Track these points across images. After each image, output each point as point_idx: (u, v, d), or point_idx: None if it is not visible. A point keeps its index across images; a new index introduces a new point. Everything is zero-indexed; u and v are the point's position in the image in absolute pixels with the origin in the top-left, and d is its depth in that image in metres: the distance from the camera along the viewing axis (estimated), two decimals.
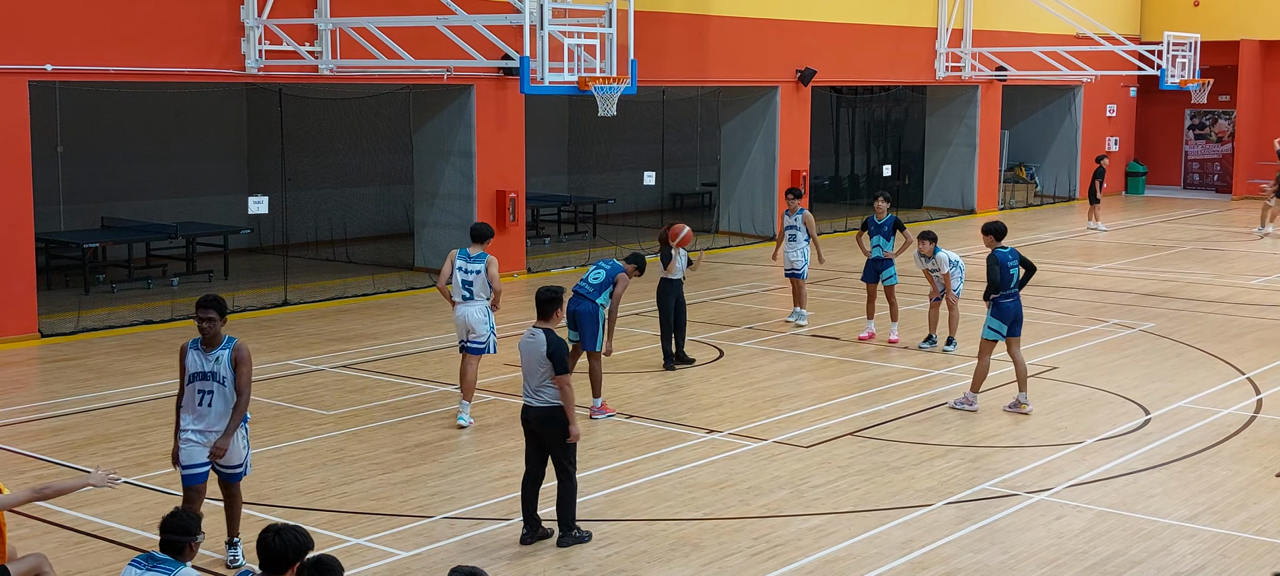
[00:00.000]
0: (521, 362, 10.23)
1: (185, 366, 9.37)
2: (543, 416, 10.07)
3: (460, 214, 22.95)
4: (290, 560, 6.37)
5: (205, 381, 9.33)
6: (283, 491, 11.49)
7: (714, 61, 26.93)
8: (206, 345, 9.33)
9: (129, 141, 24.33)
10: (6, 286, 17.65)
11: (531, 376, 10.08)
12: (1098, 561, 9.91)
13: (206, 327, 9.27)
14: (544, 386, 10.02)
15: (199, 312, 9.28)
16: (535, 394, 10.07)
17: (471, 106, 22.67)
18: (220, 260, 23.34)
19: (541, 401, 10.05)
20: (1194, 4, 38.70)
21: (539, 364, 10.02)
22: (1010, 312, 13.98)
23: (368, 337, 18.12)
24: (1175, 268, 24.93)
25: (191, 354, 9.36)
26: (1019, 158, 38.89)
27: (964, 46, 32.74)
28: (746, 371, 16.26)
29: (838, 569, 9.76)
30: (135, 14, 18.66)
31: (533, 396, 10.09)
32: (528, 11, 17.06)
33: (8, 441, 12.86)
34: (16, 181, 17.70)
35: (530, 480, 10.21)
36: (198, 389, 9.34)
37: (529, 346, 10.12)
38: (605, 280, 14.09)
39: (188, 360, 9.36)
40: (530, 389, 10.11)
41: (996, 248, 14.10)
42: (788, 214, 18.88)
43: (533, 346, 10.09)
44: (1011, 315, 13.98)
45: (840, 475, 12.00)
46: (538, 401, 10.07)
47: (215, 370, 9.30)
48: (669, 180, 31.03)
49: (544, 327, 10.16)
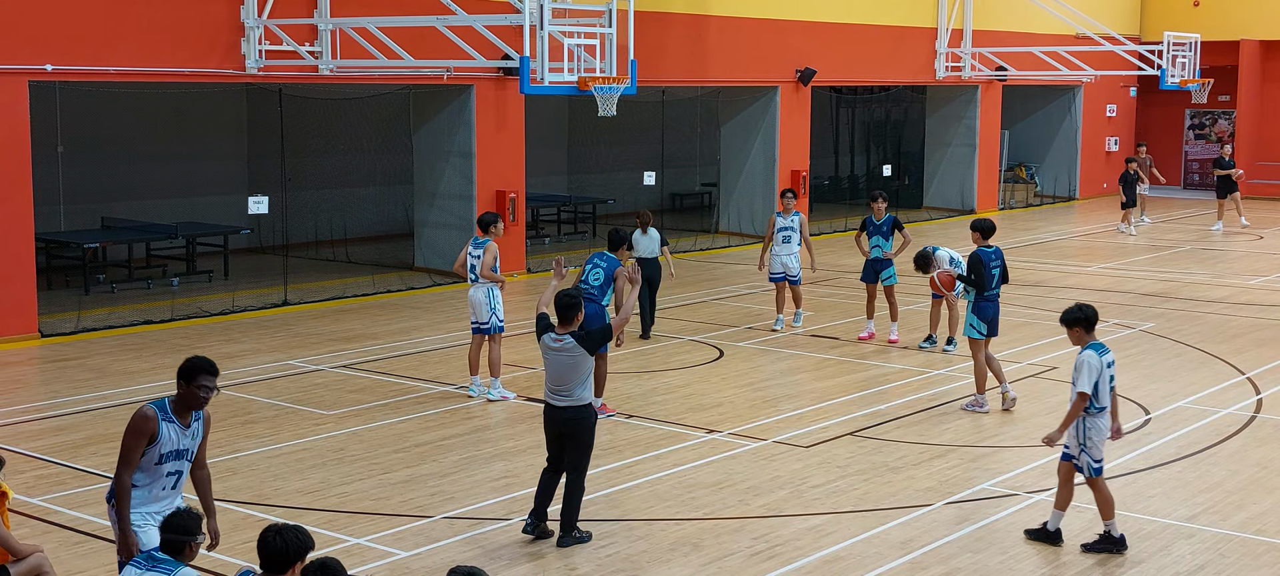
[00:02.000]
0: (547, 368, 10.16)
1: (158, 441, 7.59)
2: (570, 416, 10.09)
3: (460, 214, 22.96)
4: (291, 559, 6.38)
5: (179, 460, 7.74)
6: (283, 491, 11.50)
7: (714, 61, 26.93)
8: (186, 415, 7.71)
9: (129, 141, 24.33)
10: (6, 286, 17.66)
11: (562, 383, 10.08)
12: (1097, 561, 9.92)
13: (206, 398, 7.70)
14: (576, 387, 10.05)
15: (202, 379, 7.63)
16: (565, 396, 10.09)
17: (471, 106, 22.67)
18: (220, 260, 23.35)
19: (570, 402, 10.08)
20: (1194, 4, 38.70)
21: (573, 370, 10.02)
22: (989, 312, 14.22)
23: (368, 337, 18.13)
24: (1175, 267, 24.94)
25: (167, 428, 7.62)
26: (1019, 158, 38.90)
27: (964, 46, 32.75)
28: (746, 371, 16.26)
29: (837, 569, 9.77)
30: (135, 14, 18.66)
31: (561, 398, 10.10)
32: (528, 11, 17.07)
33: (8, 441, 12.86)
34: (17, 181, 17.70)
35: (551, 472, 10.29)
36: (171, 470, 7.72)
37: (556, 355, 10.07)
38: (605, 279, 14.06)
39: (162, 435, 7.60)
40: (558, 392, 10.11)
41: (981, 246, 14.37)
42: (782, 215, 18.59)
43: (561, 355, 10.05)
44: (990, 315, 14.21)
45: (840, 475, 12.00)
46: (568, 401, 10.09)
47: (190, 445, 7.78)
48: (669, 180, 31.03)
49: (569, 333, 10.13)
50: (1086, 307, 10.20)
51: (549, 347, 10.12)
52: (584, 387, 10.10)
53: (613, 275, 14.06)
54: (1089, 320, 10.10)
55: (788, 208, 18.56)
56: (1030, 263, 25.39)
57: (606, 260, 14.22)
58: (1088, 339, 10.05)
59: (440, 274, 22.95)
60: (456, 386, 15.23)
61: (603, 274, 14.08)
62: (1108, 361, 9.98)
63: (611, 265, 14.15)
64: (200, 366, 7.64)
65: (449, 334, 18.32)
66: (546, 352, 10.15)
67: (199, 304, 20.23)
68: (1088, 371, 9.87)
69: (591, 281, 14.06)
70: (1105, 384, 9.93)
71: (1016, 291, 21.95)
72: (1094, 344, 10.02)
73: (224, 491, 11.41)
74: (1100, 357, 9.93)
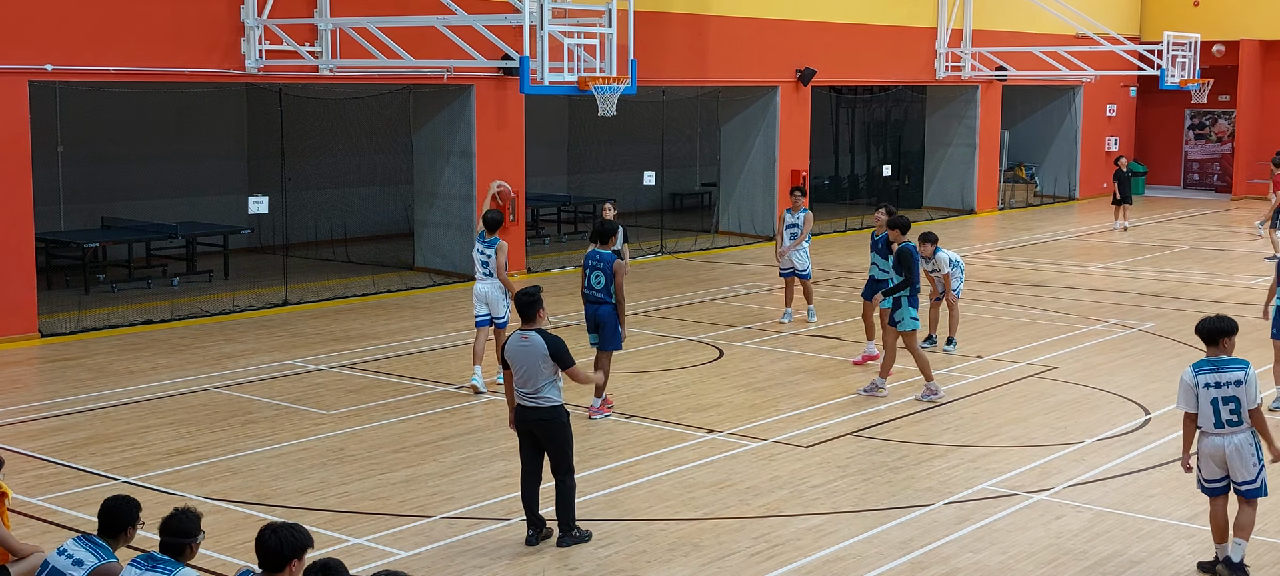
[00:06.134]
0: (515, 367, 10.10)
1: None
2: (541, 417, 10.05)
3: (460, 214, 22.96)
4: (287, 557, 6.38)
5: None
6: (283, 491, 11.50)
7: (714, 61, 26.93)
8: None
9: (129, 141, 24.34)
10: (6, 286, 17.66)
11: (529, 380, 10.03)
12: (1097, 561, 9.92)
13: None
14: (543, 387, 10.01)
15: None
16: (533, 396, 10.05)
17: (471, 106, 22.67)
18: (220, 260, 23.35)
19: (540, 402, 10.04)
20: (1194, 4, 38.70)
21: (541, 363, 9.99)
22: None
23: (368, 337, 18.13)
24: (1175, 267, 24.94)
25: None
26: (1019, 158, 38.90)
27: (964, 46, 32.75)
28: (746, 371, 16.26)
29: (837, 568, 9.76)
30: (135, 14, 18.66)
31: (530, 398, 10.06)
32: (528, 11, 17.07)
33: (8, 441, 12.86)
34: (16, 181, 17.70)
35: (529, 477, 10.20)
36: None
37: (524, 350, 10.04)
38: (607, 281, 13.96)
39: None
40: (527, 392, 10.07)
41: (903, 242, 14.55)
42: (790, 212, 18.79)
43: (529, 349, 10.02)
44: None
45: (840, 475, 12.00)
46: (535, 402, 10.05)
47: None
48: (669, 180, 31.04)
49: (534, 330, 10.13)
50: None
51: (517, 347, 10.08)
52: (552, 388, 10.03)
53: (611, 272, 13.82)
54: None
55: (795, 205, 18.74)
56: (1030, 262, 25.40)
57: (603, 259, 13.90)
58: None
59: (440, 274, 22.95)
60: (457, 386, 15.23)
61: (603, 276, 13.84)
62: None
63: (608, 262, 13.88)
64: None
65: (449, 334, 18.31)
66: (514, 352, 10.10)
67: (199, 304, 20.23)
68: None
69: (594, 285, 13.90)
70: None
71: (1017, 291, 21.96)
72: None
73: (224, 491, 11.43)
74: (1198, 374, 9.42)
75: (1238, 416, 9.27)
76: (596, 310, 13.86)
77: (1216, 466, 9.41)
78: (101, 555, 7.08)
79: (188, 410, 14.21)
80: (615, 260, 13.86)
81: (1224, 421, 9.28)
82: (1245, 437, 9.33)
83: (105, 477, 11.81)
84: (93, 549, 7.11)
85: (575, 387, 14.04)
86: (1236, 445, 9.31)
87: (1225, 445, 9.32)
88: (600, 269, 13.92)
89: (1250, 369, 9.36)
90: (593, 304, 13.89)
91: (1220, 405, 9.27)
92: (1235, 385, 9.26)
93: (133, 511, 7.36)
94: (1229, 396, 9.26)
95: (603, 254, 13.96)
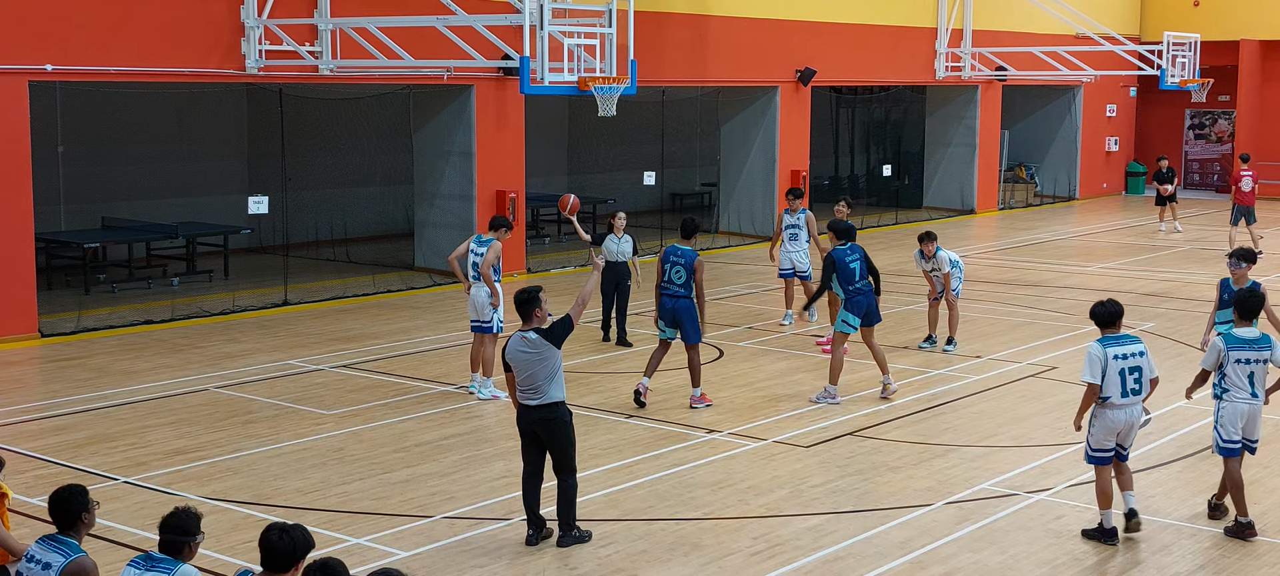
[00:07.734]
0: (516, 368, 10.05)
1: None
2: (544, 416, 10.05)
3: (460, 214, 22.96)
4: (297, 558, 6.37)
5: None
6: (283, 491, 11.50)
7: (714, 61, 26.93)
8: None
9: (129, 141, 24.33)
10: (6, 286, 17.66)
11: (530, 381, 10.03)
12: (1097, 561, 9.92)
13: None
14: (545, 386, 10.00)
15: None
16: (534, 394, 10.05)
17: (471, 106, 22.67)
18: (220, 260, 23.36)
19: (541, 399, 10.03)
20: (1194, 4, 38.70)
21: (540, 367, 9.98)
22: (862, 306, 14.58)
23: (368, 337, 18.13)
24: (1175, 267, 24.94)
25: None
26: (1019, 158, 38.90)
27: (964, 46, 32.75)
28: (746, 371, 16.26)
29: (837, 568, 9.77)
30: (135, 14, 18.66)
31: (532, 396, 10.06)
32: (528, 11, 17.07)
33: (8, 441, 12.86)
34: (17, 181, 17.70)
35: (531, 475, 10.20)
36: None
37: (523, 353, 9.99)
38: (688, 275, 14.20)
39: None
40: (528, 391, 10.07)
41: (837, 246, 14.71)
42: (788, 213, 18.83)
43: (528, 353, 9.98)
44: (864, 308, 14.58)
45: (840, 475, 12.00)
46: (537, 400, 10.04)
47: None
48: (669, 180, 31.02)
49: (533, 330, 10.11)
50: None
51: (517, 348, 10.05)
52: (554, 385, 10.01)
53: (692, 266, 14.18)
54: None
55: (793, 206, 18.73)
56: (1030, 262, 25.40)
57: (684, 255, 14.28)
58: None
59: (440, 274, 22.94)
60: (457, 386, 15.23)
61: (683, 271, 14.21)
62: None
63: (690, 259, 14.25)
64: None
65: (449, 334, 18.32)
66: (515, 353, 10.07)
67: (199, 304, 20.23)
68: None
69: (675, 280, 14.24)
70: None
71: (1016, 291, 21.97)
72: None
73: (224, 491, 11.44)
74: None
75: (1140, 386, 10.13)
76: (675, 304, 14.19)
77: (1110, 436, 10.18)
78: (68, 552, 7.00)
79: (188, 410, 14.22)
80: (697, 257, 14.29)
81: (1129, 390, 10.08)
82: (1139, 408, 10.23)
83: (105, 477, 11.81)
84: (58, 548, 7.01)
85: (576, 387, 14.08)
86: (1135, 415, 10.20)
87: (1130, 415, 10.14)
88: (681, 264, 14.24)
89: (1144, 344, 10.30)
90: (671, 298, 14.24)
91: (1126, 375, 10.07)
92: (1139, 355, 10.16)
93: (82, 498, 7.18)
94: (1134, 366, 10.11)
95: (684, 250, 14.38)
